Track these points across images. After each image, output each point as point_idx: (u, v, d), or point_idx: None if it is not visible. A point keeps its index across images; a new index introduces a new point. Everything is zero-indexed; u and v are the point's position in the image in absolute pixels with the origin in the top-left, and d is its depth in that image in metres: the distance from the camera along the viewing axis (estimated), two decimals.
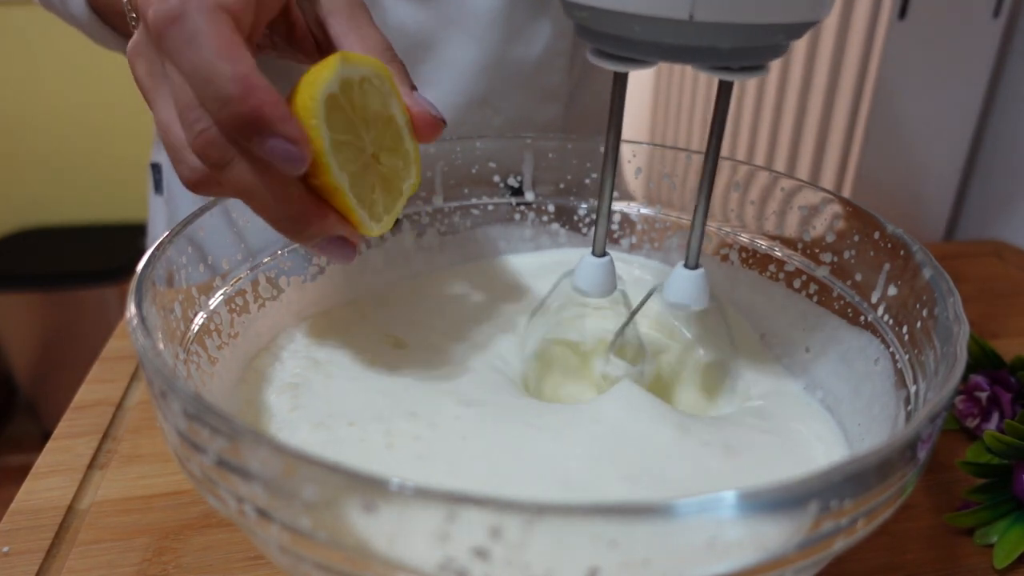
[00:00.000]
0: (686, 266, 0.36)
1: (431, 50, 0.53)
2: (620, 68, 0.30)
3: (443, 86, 0.53)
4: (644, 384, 0.37)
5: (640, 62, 0.29)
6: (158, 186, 0.63)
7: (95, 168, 1.76)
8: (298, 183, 0.29)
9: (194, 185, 0.30)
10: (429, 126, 0.33)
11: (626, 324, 0.38)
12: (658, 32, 0.26)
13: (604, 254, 0.37)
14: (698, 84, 1.17)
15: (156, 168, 0.63)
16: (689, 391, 0.40)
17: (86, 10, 0.45)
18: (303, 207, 0.29)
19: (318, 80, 0.28)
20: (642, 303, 0.39)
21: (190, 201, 0.60)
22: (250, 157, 0.27)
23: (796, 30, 0.27)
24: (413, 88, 0.33)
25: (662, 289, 0.37)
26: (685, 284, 0.36)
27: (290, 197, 0.28)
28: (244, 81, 0.25)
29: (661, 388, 0.39)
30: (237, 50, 0.26)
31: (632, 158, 0.47)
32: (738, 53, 0.27)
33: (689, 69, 1.16)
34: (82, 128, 1.72)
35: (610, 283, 0.37)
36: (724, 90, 0.31)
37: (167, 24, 0.26)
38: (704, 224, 0.35)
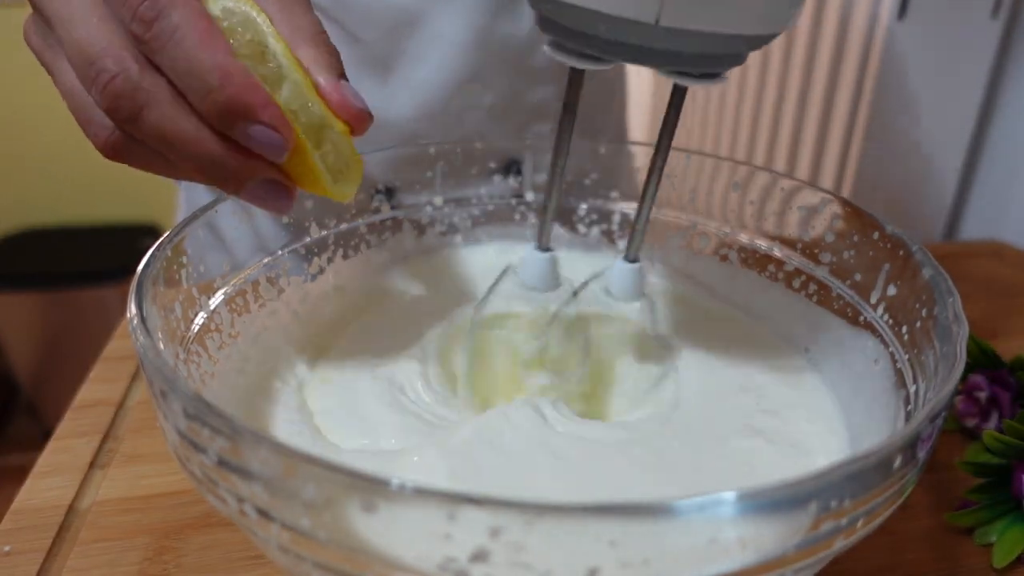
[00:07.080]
0: (625, 259, 0.37)
1: (418, 26, 0.52)
2: (579, 64, 0.30)
3: (431, 62, 0.53)
4: (577, 388, 0.37)
5: (598, 59, 0.29)
6: None
7: (95, 168, 1.75)
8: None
9: (111, 149, 0.29)
10: (353, 119, 0.30)
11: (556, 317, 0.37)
12: (622, 32, 0.26)
13: (548, 249, 0.36)
14: None
15: None
16: (625, 366, 0.39)
17: None
18: (227, 149, 0.27)
19: None
20: (578, 290, 0.38)
21: (203, 189, 0.61)
22: (167, 96, 0.27)
23: (759, 41, 0.28)
24: (341, 77, 0.30)
25: (598, 279, 0.38)
26: (620, 277, 0.37)
27: (213, 139, 0.27)
28: (223, 70, 0.26)
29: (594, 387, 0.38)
30: (216, 40, 0.26)
31: (632, 158, 0.47)
32: (700, 59, 0.28)
33: None
34: None
35: (553, 278, 0.37)
36: (678, 94, 0.32)
37: (150, 22, 0.26)
38: (647, 220, 0.35)
